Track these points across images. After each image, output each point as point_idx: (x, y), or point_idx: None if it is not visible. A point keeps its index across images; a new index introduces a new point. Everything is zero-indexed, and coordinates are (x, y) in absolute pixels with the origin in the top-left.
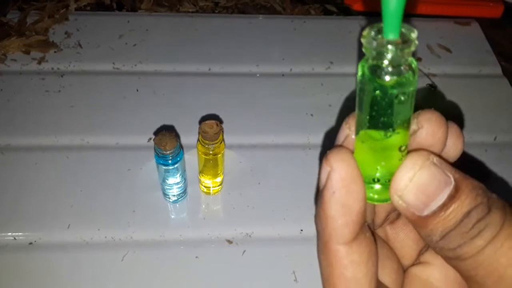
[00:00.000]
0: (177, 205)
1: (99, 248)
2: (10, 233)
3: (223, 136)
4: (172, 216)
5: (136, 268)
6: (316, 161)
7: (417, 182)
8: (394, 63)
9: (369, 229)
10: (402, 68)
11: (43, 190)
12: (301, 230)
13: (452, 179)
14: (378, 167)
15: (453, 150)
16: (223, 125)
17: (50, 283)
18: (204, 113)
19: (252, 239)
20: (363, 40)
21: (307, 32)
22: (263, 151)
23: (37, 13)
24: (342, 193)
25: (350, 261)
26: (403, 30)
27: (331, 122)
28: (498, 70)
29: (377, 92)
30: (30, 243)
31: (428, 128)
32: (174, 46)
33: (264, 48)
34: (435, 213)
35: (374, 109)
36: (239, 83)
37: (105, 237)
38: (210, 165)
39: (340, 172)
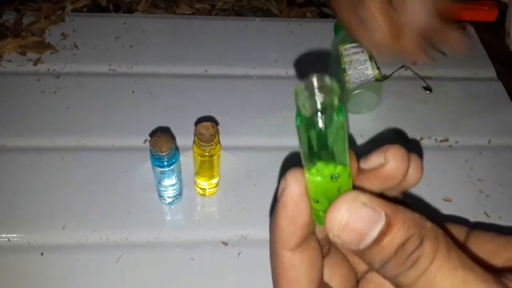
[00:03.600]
0: (173, 206)
1: (94, 250)
2: (4, 235)
3: (219, 138)
4: (168, 218)
5: (131, 269)
6: None
7: (348, 223)
8: (323, 109)
9: (316, 239)
10: (329, 110)
11: (38, 191)
12: None
13: (383, 215)
14: (318, 197)
15: (412, 179)
16: (219, 127)
17: (45, 285)
18: (200, 115)
19: (247, 241)
20: (295, 99)
21: (304, 35)
22: (259, 153)
23: (34, 14)
24: (290, 208)
25: (292, 265)
26: (326, 81)
27: None
28: (492, 73)
29: (312, 131)
30: (25, 245)
31: (392, 164)
32: (170, 48)
33: (260, 51)
34: (370, 246)
35: (311, 145)
36: (236, 85)
37: (100, 238)
38: (206, 166)
39: (292, 189)
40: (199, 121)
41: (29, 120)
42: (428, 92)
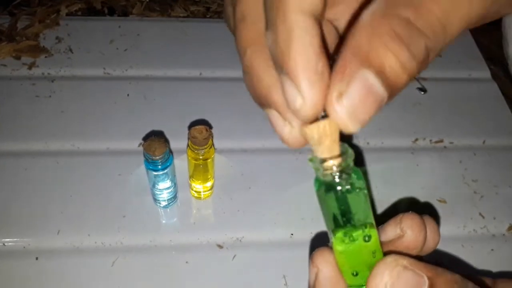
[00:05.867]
0: (168, 210)
1: (89, 254)
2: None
3: (212, 141)
4: (163, 221)
5: (126, 273)
6: (307, 166)
7: None
8: (339, 174)
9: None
10: (345, 174)
11: (33, 195)
12: (292, 235)
13: (426, 278)
14: (355, 268)
15: (431, 243)
16: (214, 130)
17: None
18: (195, 118)
19: (242, 244)
20: (311, 165)
21: None
22: (254, 156)
23: (28, 18)
24: None
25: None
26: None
27: None
28: (487, 74)
29: (332, 195)
30: (20, 249)
31: (411, 234)
32: (165, 51)
33: None
34: None
35: (334, 210)
36: (230, 87)
37: (95, 242)
38: (200, 170)
39: (325, 272)
40: (192, 124)
41: (24, 124)
42: (422, 93)
